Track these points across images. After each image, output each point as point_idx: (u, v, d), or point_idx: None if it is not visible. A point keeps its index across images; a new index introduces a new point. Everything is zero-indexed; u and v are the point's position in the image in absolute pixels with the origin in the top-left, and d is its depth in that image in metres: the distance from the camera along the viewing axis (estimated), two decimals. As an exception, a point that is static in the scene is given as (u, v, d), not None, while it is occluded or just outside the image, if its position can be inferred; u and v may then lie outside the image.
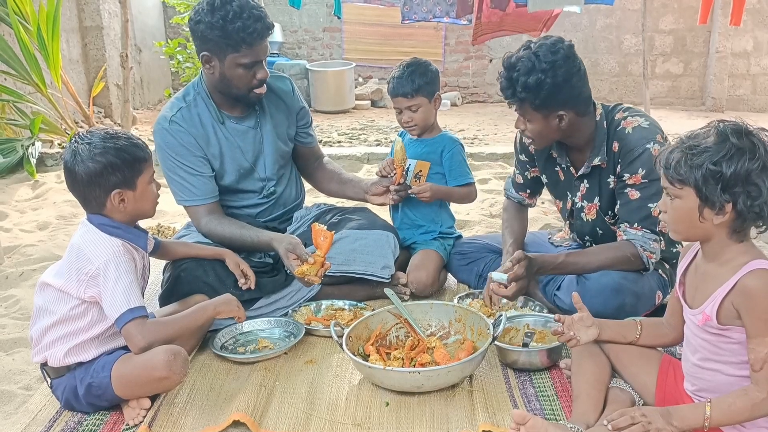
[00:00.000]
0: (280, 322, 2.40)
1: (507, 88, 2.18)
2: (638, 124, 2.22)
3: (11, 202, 4.38)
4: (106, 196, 1.87)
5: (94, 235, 1.89)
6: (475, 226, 3.71)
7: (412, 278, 2.65)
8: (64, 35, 5.84)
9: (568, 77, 2.13)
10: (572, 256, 2.31)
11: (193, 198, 2.49)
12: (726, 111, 8.78)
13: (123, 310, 1.82)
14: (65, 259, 1.91)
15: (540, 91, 2.11)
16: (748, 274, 1.47)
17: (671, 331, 1.79)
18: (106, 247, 1.86)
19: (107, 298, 1.83)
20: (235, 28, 2.29)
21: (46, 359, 1.90)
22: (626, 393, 1.80)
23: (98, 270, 1.82)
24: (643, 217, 2.20)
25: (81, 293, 1.84)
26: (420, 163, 2.80)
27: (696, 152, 1.47)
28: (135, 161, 1.89)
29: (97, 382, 1.85)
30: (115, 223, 1.91)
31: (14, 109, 5.56)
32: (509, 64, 2.16)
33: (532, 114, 2.19)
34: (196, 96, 2.53)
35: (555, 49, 2.13)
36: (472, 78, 9.39)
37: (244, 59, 2.36)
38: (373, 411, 1.90)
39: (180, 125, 2.46)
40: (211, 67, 2.42)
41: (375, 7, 7.00)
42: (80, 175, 1.85)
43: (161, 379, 1.83)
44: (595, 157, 2.27)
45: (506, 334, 2.21)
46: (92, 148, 1.84)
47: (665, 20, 8.88)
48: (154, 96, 8.63)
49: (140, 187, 1.92)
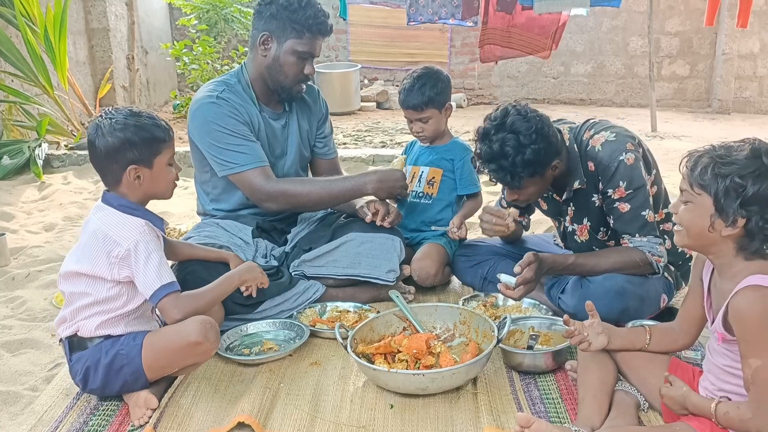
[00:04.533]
0: (285, 323, 2.40)
1: (505, 176, 2.13)
2: (605, 139, 2.22)
3: (18, 203, 4.40)
4: (122, 172, 1.89)
5: (116, 217, 1.90)
6: (479, 229, 3.70)
7: (416, 267, 2.66)
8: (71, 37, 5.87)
9: (549, 130, 2.14)
10: (582, 257, 2.31)
11: (249, 161, 2.48)
12: (732, 113, 8.75)
13: (156, 287, 1.86)
14: (86, 245, 1.91)
15: (539, 158, 2.10)
16: (737, 294, 1.47)
17: (682, 337, 1.79)
18: (132, 227, 1.88)
19: (140, 277, 1.86)
20: (306, 15, 2.44)
21: (77, 331, 1.91)
22: (632, 396, 1.80)
23: (128, 251, 1.85)
24: (641, 226, 2.21)
25: (115, 275, 1.87)
26: (433, 170, 2.83)
27: (725, 162, 1.47)
28: (154, 140, 1.91)
29: (126, 350, 1.87)
30: (133, 204, 1.93)
31: (21, 111, 5.59)
32: (491, 155, 2.11)
33: (532, 181, 2.17)
34: (236, 83, 2.58)
35: (523, 114, 2.11)
36: (478, 80, 9.39)
37: (302, 47, 2.47)
38: (377, 413, 1.90)
39: (227, 101, 2.50)
40: (266, 50, 2.50)
41: (381, 9, 7.01)
42: (99, 149, 1.88)
43: (196, 344, 1.85)
44: (574, 182, 2.28)
45: (511, 336, 2.20)
46: (114, 123, 1.88)
47: (671, 22, 8.85)
48: (160, 98, 8.65)
49: (157, 167, 1.93)
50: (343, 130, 7.20)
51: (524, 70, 9.24)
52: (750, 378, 1.46)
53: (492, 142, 2.11)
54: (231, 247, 2.44)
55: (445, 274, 2.78)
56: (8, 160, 5.01)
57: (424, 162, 2.88)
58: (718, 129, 7.51)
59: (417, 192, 2.86)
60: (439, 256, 2.71)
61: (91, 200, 4.51)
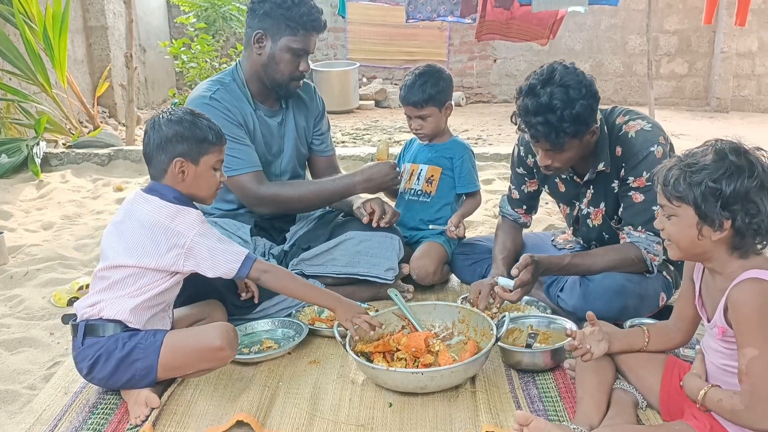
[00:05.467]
0: (284, 322, 2.40)
1: (550, 133, 2.04)
2: (641, 127, 2.21)
3: (16, 201, 4.40)
4: (169, 163, 1.93)
5: (172, 209, 1.92)
6: (478, 227, 3.71)
7: (415, 265, 2.66)
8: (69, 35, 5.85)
9: (595, 88, 2.11)
10: (578, 257, 2.31)
11: (242, 166, 2.48)
12: (731, 111, 8.76)
13: (238, 265, 1.92)
14: (139, 237, 1.90)
15: (586, 116, 2.06)
16: (736, 285, 1.48)
17: (678, 335, 1.80)
18: (191, 219, 1.92)
19: (210, 266, 1.92)
20: (300, 12, 2.45)
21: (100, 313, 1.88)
22: (630, 394, 1.81)
23: (193, 242, 1.89)
24: (647, 220, 2.19)
25: (180, 267, 1.91)
26: (431, 168, 2.83)
27: (695, 170, 1.48)
28: (204, 140, 1.96)
29: (145, 345, 1.87)
30: (185, 197, 1.97)
31: (19, 109, 5.59)
32: (538, 108, 2.03)
33: (572, 143, 2.11)
34: (231, 82, 2.58)
35: (572, 70, 2.07)
36: (477, 78, 9.39)
37: (296, 44, 2.48)
38: (376, 412, 1.90)
39: (220, 102, 2.50)
40: (260, 48, 2.51)
41: (380, 6, 7.00)
42: (152, 138, 1.94)
43: (218, 349, 1.86)
44: (599, 163, 2.26)
45: (510, 335, 2.21)
46: (170, 116, 1.95)
47: (670, 20, 8.86)
48: (158, 96, 8.65)
49: (202, 166, 1.97)
50: (341, 128, 7.20)
51: (523, 68, 9.23)
52: (744, 369, 1.46)
53: (539, 95, 2.04)
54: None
55: (444, 272, 2.79)
56: (6, 158, 5.00)
57: (422, 160, 2.88)
58: (717, 127, 7.52)
59: (415, 190, 2.86)
60: (437, 254, 2.71)
61: (89, 199, 4.50)
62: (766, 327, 1.43)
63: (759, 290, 1.45)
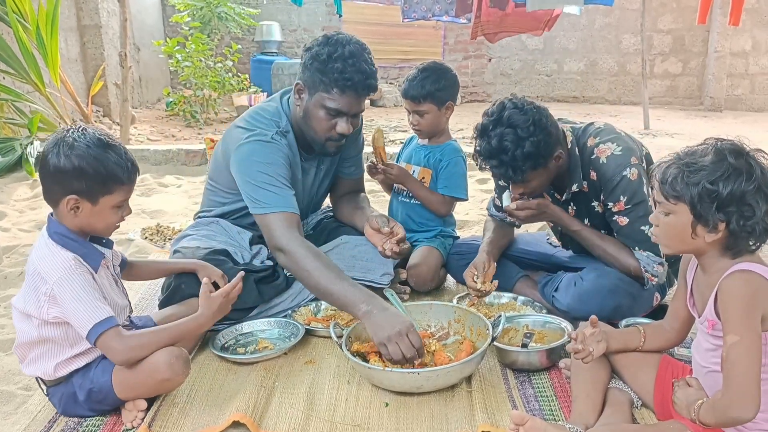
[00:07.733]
0: (280, 322, 2.40)
1: (507, 172, 2.11)
2: (611, 152, 2.21)
3: (10, 201, 4.38)
4: (62, 198, 1.75)
5: (47, 249, 1.78)
6: (474, 226, 3.71)
7: (412, 273, 2.66)
8: (63, 34, 5.84)
9: (547, 121, 2.12)
10: (587, 231, 2.32)
11: (278, 204, 2.28)
12: (724, 110, 8.80)
13: (90, 326, 1.72)
14: (26, 277, 1.83)
15: (539, 151, 2.09)
16: (726, 277, 1.48)
17: (673, 335, 1.81)
18: (58, 263, 1.74)
19: (71, 317, 1.74)
20: (333, 68, 2.25)
21: (40, 374, 1.87)
22: (625, 394, 1.81)
23: (53, 290, 1.72)
24: (640, 240, 2.20)
25: (44, 314, 1.76)
26: (423, 170, 2.83)
27: (693, 170, 1.48)
28: (108, 179, 1.76)
29: (98, 387, 1.83)
30: (72, 234, 1.79)
31: (13, 108, 5.56)
32: (491, 151, 2.09)
33: (535, 174, 2.15)
34: (287, 124, 2.45)
35: (520, 107, 2.10)
36: (471, 77, 9.40)
37: (329, 102, 2.30)
38: (372, 411, 1.90)
39: (277, 144, 2.36)
40: (299, 99, 2.38)
41: (375, 6, 7.00)
42: (49, 165, 1.73)
43: (163, 381, 1.82)
44: (573, 185, 2.28)
45: (505, 334, 2.21)
46: (75, 145, 1.73)
47: (664, 20, 8.89)
48: (152, 95, 8.63)
49: (101, 206, 1.78)
50: (336, 127, 7.19)
51: (517, 67, 9.26)
52: (725, 355, 1.46)
53: (490, 138, 2.10)
54: (227, 247, 2.43)
55: (441, 276, 2.78)
56: (0, 157, 4.98)
57: (416, 161, 2.87)
58: (710, 126, 7.55)
59: (408, 192, 2.86)
60: (434, 260, 2.71)
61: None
62: (749, 316, 1.44)
63: (747, 279, 1.46)
